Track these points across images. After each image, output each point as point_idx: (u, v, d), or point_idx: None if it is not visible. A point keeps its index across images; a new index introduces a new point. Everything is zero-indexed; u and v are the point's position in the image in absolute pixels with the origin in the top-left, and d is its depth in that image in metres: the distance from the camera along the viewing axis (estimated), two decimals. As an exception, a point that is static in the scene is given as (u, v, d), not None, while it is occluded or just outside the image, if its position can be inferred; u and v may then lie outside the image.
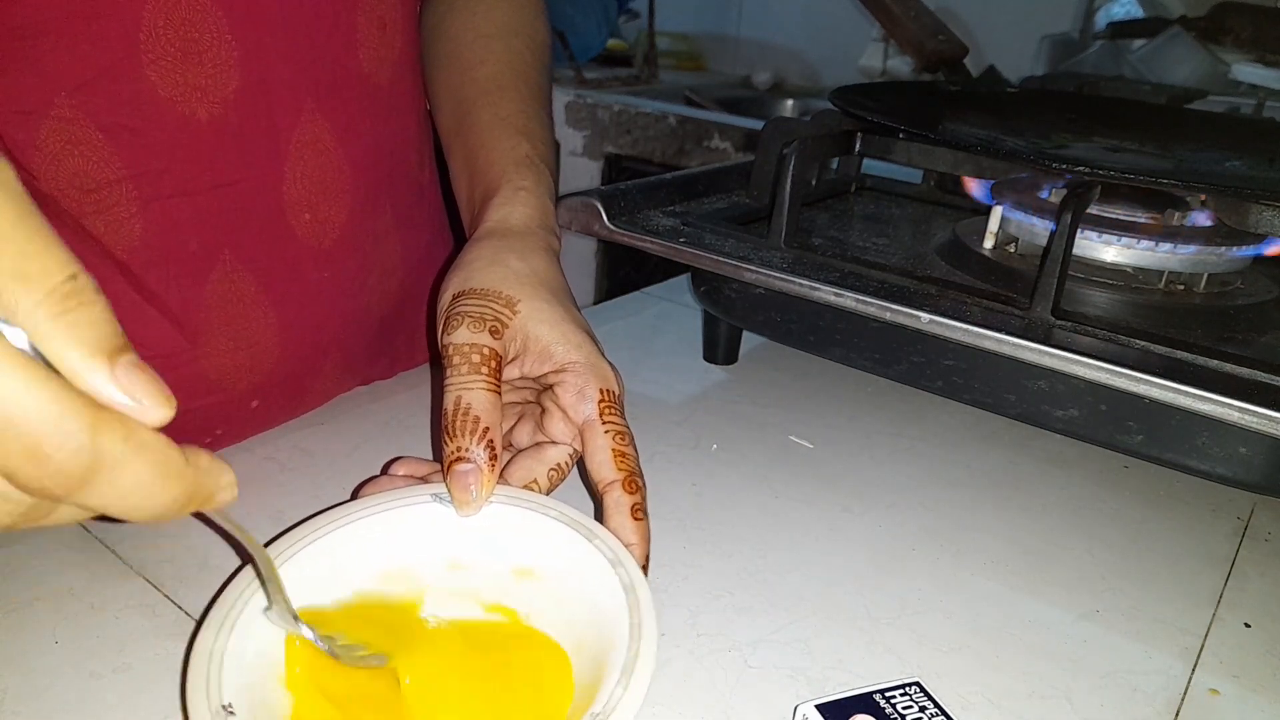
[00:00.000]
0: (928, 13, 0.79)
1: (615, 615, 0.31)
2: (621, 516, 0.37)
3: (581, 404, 0.39)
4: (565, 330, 0.40)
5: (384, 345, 0.59)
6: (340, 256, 0.52)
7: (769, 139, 0.63)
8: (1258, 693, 0.38)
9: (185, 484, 0.22)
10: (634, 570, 0.33)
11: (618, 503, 0.38)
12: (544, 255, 0.44)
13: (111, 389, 0.20)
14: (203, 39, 0.42)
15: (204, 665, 0.29)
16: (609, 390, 0.40)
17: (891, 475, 0.52)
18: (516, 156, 0.49)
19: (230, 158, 0.45)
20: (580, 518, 0.36)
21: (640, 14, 2.11)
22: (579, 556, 0.34)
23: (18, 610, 0.37)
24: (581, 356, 0.40)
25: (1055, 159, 0.54)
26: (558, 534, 0.35)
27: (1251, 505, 0.52)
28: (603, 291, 1.80)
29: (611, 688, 0.28)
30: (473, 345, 0.38)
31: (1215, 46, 1.49)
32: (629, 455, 0.39)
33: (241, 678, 0.29)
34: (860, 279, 0.50)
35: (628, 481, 0.38)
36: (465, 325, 0.39)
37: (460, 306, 0.40)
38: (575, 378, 0.40)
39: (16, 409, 0.18)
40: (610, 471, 0.38)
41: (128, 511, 0.21)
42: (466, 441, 0.36)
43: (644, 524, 0.38)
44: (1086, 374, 0.43)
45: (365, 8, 0.50)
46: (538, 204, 0.47)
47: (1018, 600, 0.43)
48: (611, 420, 0.39)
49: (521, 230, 0.45)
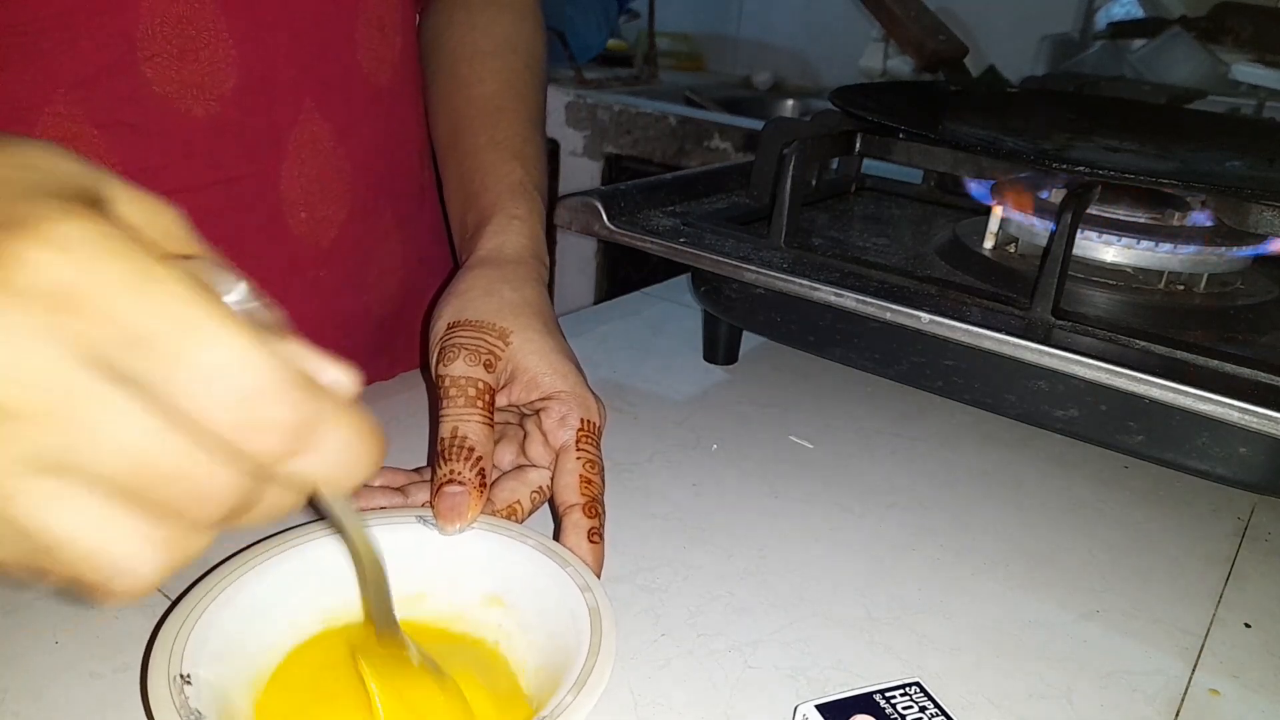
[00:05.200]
0: (928, 13, 0.79)
1: (579, 637, 0.32)
2: (578, 538, 0.38)
3: (561, 430, 0.41)
4: (554, 361, 0.42)
5: (383, 345, 0.59)
6: (339, 256, 0.52)
7: (769, 139, 0.63)
8: (1258, 693, 0.38)
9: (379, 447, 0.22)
10: (601, 596, 0.33)
11: (576, 524, 0.39)
12: (535, 285, 0.46)
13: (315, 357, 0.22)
14: (200, 37, 0.42)
15: (171, 633, 0.30)
16: (590, 421, 0.41)
17: (891, 475, 0.52)
18: (511, 183, 0.50)
19: (228, 155, 0.45)
20: (554, 546, 0.37)
21: (640, 14, 2.11)
22: (550, 582, 0.35)
23: (18, 610, 0.37)
24: (568, 386, 0.42)
25: (1055, 159, 0.54)
26: (531, 560, 0.36)
27: (1251, 505, 0.52)
28: (603, 291, 1.80)
29: (561, 696, 0.29)
30: (469, 379, 0.40)
31: (1215, 46, 1.49)
32: (594, 483, 0.40)
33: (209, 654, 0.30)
34: (860, 279, 0.50)
35: (588, 506, 0.39)
36: (462, 358, 0.40)
37: (456, 338, 0.41)
38: (560, 406, 0.41)
39: (242, 364, 0.19)
40: (574, 495, 0.39)
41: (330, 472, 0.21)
42: (460, 466, 0.38)
43: (599, 548, 0.39)
44: (1086, 374, 0.43)
45: (365, 9, 0.50)
46: (529, 233, 0.49)
47: (1018, 600, 0.43)
48: (585, 449, 0.41)
49: (514, 260, 0.46)
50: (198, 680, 0.29)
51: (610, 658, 0.30)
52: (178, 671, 0.28)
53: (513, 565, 0.36)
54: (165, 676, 0.28)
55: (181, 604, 0.31)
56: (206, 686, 0.29)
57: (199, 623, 0.31)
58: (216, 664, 0.30)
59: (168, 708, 0.27)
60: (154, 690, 0.28)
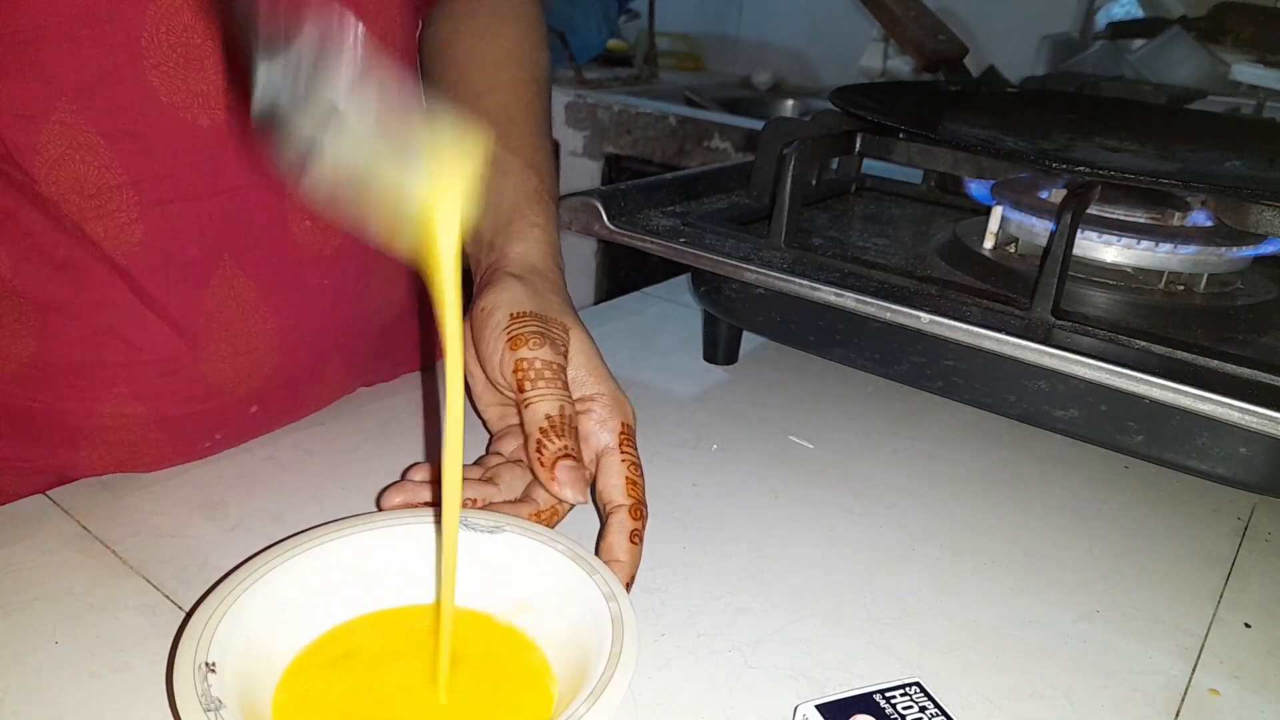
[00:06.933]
0: (928, 13, 0.79)
1: (601, 647, 0.32)
2: (620, 537, 0.40)
3: (602, 432, 0.42)
4: (595, 364, 0.44)
5: (385, 350, 0.59)
6: (342, 264, 0.51)
7: (769, 139, 0.63)
8: (1258, 693, 0.38)
9: None
10: (626, 607, 0.33)
11: (621, 524, 0.40)
12: (565, 292, 0.47)
13: None
14: (204, 45, 0.42)
15: (201, 622, 0.30)
16: (628, 424, 0.43)
17: (891, 475, 0.52)
18: (528, 191, 0.51)
19: (232, 164, 0.45)
20: (584, 553, 0.37)
21: (640, 14, 2.11)
22: (578, 589, 0.35)
23: (18, 610, 0.37)
24: (608, 390, 0.43)
25: (1055, 159, 0.54)
26: (561, 566, 0.36)
27: (1251, 505, 0.52)
28: (603, 291, 1.80)
29: (576, 706, 0.29)
30: (558, 365, 0.41)
31: (1215, 46, 1.49)
32: (639, 485, 0.42)
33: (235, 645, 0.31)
34: (860, 279, 0.50)
35: (634, 508, 0.41)
36: (547, 345, 0.42)
37: (530, 325, 0.42)
38: (601, 408, 0.43)
39: None
40: (621, 496, 0.41)
41: None
42: (572, 443, 0.39)
43: (638, 549, 0.40)
44: (1086, 374, 0.43)
45: (368, 17, 0.50)
46: (549, 241, 0.50)
47: (1018, 600, 0.43)
48: (628, 451, 0.42)
49: (543, 270, 0.48)
50: (222, 670, 0.29)
51: (629, 669, 0.30)
52: (204, 660, 0.29)
53: (543, 571, 0.36)
54: (191, 663, 0.29)
55: (212, 595, 0.32)
56: (231, 676, 0.30)
57: (228, 614, 0.31)
58: (242, 655, 0.31)
59: (190, 694, 0.28)
60: (179, 676, 0.28)
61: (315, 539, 0.35)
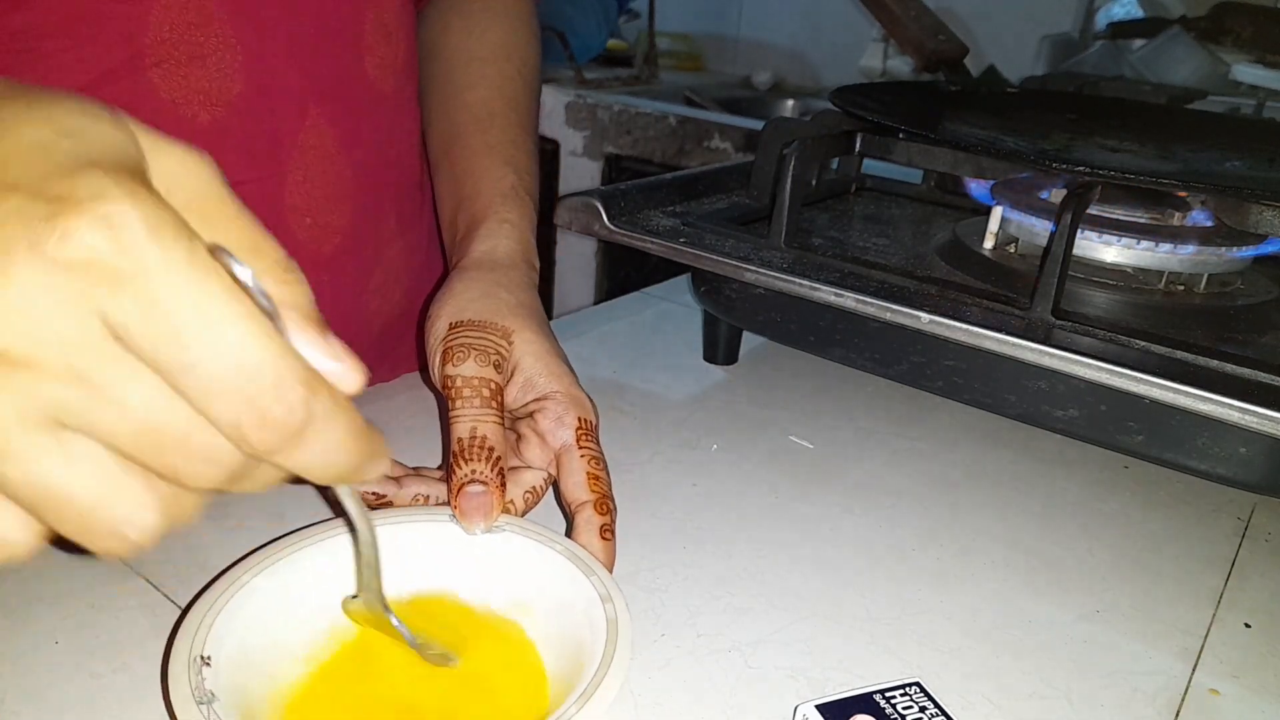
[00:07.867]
0: (928, 13, 0.79)
1: (595, 647, 0.32)
2: (590, 535, 0.39)
3: (560, 430, 0.41)
4: (549, 362, 0.43)
5: (386, 350, 0.59)
6: (342, 262, 0.52)
7: (769, 139, 0.63)
8: (1258, 693, 0.38)
9: (372, 447, 0.22)
10: (621, 608, 0.33)
11: (588, 521, 0.39)
12: (529, 289, 0.46)
13: (324, 350, 0.22)
14: (207, 43, 0.42)
15: (199, 615, 0.30)
16: (586, 419, 0.42)
17: (891, 475, 0.52)
18: (503, 188, 0.50)
19: (231, 161, 0.45)
20: (581, 553, 0.37)
21: (640, 14, 2.11)
22: (574, 590, 0.35)
23: (18, 610, 0.37)
24: (563, 387, 0.42)
25: (1055, 159, 0.54)
26: (557, 565, 0.36)
27: (1251, 505, 0.52)
28: (603, 291, 1.80)
29: (568, 706, 0.29)
30: (482, 379, 0.40)
31: (1215, 46, 1.49)
32: (602, 479, 0.41)
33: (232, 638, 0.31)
34: (860, 279, 0.50)
35: (599, 503, 0.40)
36: (473, 358, 0.41)
37: (463, 337, 0.41)
38: (555, 406, 0.42)
39: (249, 360, 0.19)
40: (584, 493, 0.40)
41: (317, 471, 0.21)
42: (481, 466, 0.38)
43: (610, 544, 0.39)
44: (1087, 374, 0.43)
45: (372, 15, 0.50)
46: (520, 237, 0.49)
47: (1018, 600, 0.43)
48: (588, 446, 0.41)
49: (506, 264, 0.47)
50: (218, 663, 0.29)
51: (622, 671, 0.30)
52: (199, 653, 0.29)
53: (540, 570, 0.36)
54: (186, 656, 0.29)
55: (210, 590, 0.32)
56: (226, 670, 0.30)
57: (225, 608, 0.31)
58: (238, 650, 0.31)
59: (183, 686, 0.28)
60: (173, 668, 0.28)
61: (314, 536, 0.36)
